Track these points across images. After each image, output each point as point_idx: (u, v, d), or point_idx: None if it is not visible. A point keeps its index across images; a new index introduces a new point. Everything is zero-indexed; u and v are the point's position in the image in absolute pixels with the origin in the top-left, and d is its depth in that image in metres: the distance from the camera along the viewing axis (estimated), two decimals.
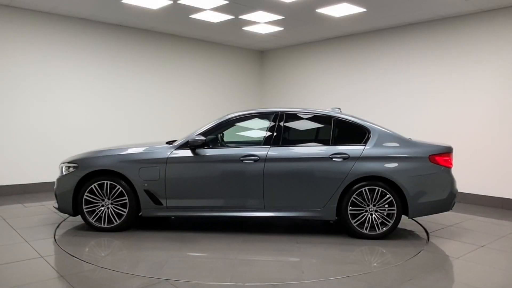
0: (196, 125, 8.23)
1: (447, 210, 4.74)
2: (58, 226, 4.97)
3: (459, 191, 6.85)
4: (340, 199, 4.60)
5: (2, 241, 4.37)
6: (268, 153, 4.65)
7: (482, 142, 6.62)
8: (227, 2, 6.29)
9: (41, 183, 7.09)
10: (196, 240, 4.53)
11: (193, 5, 6.48)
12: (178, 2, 6.34)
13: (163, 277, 3.43)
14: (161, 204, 4.69)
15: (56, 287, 3.26)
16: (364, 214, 4.61)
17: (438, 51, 7.12)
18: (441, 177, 4.66)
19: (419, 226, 5.30)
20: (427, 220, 5.58)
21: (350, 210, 4.59)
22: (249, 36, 8.65)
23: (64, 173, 4.79)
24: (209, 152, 4.71)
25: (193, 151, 4.69)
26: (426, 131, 7.27)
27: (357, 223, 4.60)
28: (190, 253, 4.13)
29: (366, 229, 4.60)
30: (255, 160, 4.62)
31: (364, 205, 4.60)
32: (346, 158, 4.61)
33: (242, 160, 4.63)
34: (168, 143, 5.07)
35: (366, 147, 4.68)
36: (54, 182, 7.23)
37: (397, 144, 4.74)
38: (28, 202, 6.29)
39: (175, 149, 4.73)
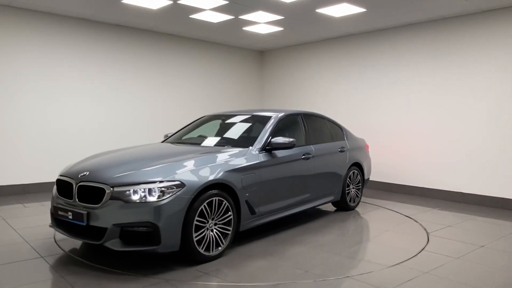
0: None
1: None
2: None
3: (459, 191, 6.90)
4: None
5: (2, 241, 4.36)
6: (314, 150, 5.29)
7: (482, 141, 6.62)
8: (227, 2, 6.29)
9: (41, 183, 7.09)
10: (286, 240, 4.59)
11: (193, 5, 6.47)
12: (178, 2, 6.33)
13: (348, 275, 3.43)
14: (255, 213, 4.33)
15: (56, 287, 3.25)
16: (349, 192, 6.05)
17: (438, 51, 7.12)
18: (369, 159, 6.68)
19: (419, 226, 5.30)
20: (427, 220, 5.58)
21: (347, 190, 5.98)
22: (249, 36, 8.65)
23: (163, 198, 3.48)
24: (281, 152, 4.72)
25: (270, 153, 4.59)
26: (427, 130, 7.27)
27: (348, 199, 6.02)
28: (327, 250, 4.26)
29: (352, 202, 6.12)
30: (307, 158, 5.12)
31: (349, 184, 6.02)
32: (344, 150, 5.93)
33: (302, 158, 5.05)
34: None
35: (347, 141, 6.14)
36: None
37: (353, 138, 6.39)
38: (28, 202, 6.29)
39: (259, 152, 4.48)
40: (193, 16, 7.12)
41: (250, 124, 5.18)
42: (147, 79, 8.35)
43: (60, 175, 4.04)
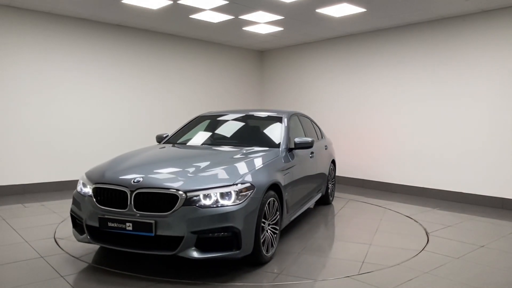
0: None
1: None
2: (58, 226, 4.96)
3: (459, 191, 6.90)
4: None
5: (2, 241, 4.36)
6: (314, 148, 5.47)
7: (483, 142, 6.62)
8: (227, 2, 6.29)
9: (41, 183, 7.09)
10: (310, 235, 4.79)
11: (193, 5, 6.47)
12: (178, 2, 6.33)
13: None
14: (288, 211, 4.34)
15: (56, 287, 3.25)
16: (329, 186, 6.45)
17: (438, 51, 7.12)
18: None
19: (419, 226, 5.30)
20: (427, 220, 5.58)
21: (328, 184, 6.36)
22: (249, 36, 8.65)
23: (239, 201, 3.35)
24: (300, 152, 4.89)
25: (292, 152, 4.66)
26: (427, 130, 7.27)
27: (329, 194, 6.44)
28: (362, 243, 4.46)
29: (330, 197, 6.53)
30: (312, 156, 5.37)
31: (328, 179, 6.34)
32: (327, 148, 6.33)
33: (310, 157, 5.27)
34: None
35: (325, 139, 6.51)
36: (58, 182, 7.23)
37: (326, 137, 6.79)
38: (28, 202, 6.29)
39: (287, 152, 4.54)
40: (193, 16, 7.12)
41: (263, 124, 5.15)
42: (147, 79, 8.34)
43: (100, 183, 3.52)
